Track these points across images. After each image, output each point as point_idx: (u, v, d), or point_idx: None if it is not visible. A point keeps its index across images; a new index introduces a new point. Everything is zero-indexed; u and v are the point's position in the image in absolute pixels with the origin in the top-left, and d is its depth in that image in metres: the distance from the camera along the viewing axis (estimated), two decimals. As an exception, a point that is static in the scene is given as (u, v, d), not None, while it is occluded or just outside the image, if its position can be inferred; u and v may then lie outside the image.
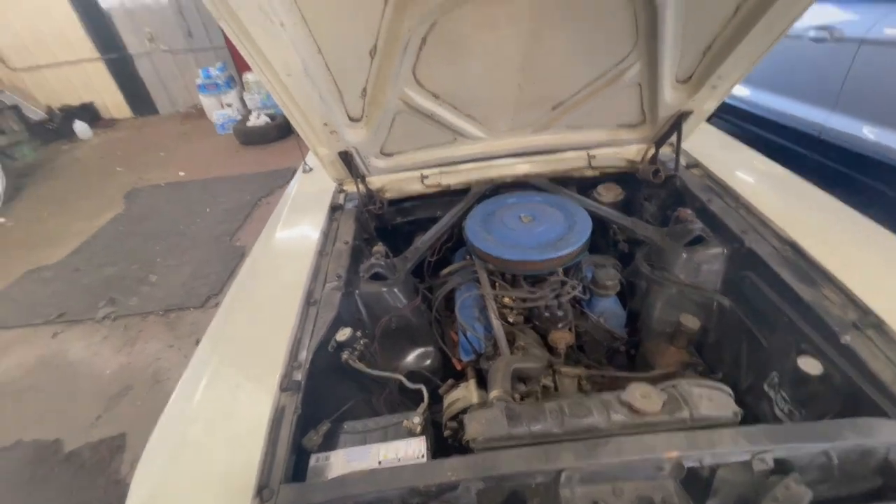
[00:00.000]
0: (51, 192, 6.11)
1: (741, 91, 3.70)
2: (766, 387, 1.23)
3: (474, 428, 0.94)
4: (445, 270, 1.75)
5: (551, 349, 1.40)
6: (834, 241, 1.31)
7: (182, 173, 6.11)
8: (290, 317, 1.29)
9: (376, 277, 1.53)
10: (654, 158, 1.81)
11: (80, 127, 8.36)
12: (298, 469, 1.02)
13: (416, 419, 1.10)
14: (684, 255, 1.47)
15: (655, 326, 1.50)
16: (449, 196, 1.94)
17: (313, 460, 1.06)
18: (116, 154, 7.31)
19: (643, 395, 0.92)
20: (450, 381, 1.42)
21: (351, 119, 1.50)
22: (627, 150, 1.90)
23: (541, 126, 1.70)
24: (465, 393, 1.34)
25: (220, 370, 1.20)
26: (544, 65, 1.38)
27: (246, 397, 1.09)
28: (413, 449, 1.05)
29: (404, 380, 1.26)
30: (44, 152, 7.66)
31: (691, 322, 1.30)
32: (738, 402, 1.28)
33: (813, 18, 2.97)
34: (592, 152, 1.92)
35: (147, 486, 0.95)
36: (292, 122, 1.43)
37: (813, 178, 1.66)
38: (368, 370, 1.27)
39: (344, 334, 1.29)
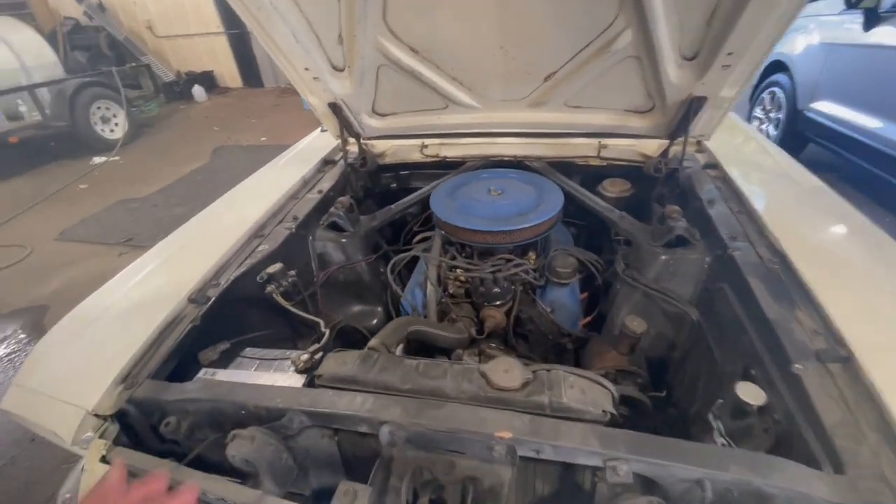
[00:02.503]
0: (159, 141, 7.03)
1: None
2: (710, 415, 1.03)
3: (325, 366, 0.91)
4: (418, 237, 1.71)
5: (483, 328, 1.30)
6: (839, 264, 1.06)
7: (264, 138, 6.68)
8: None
9: (334, 227, 1.54)
10: (665, 153, 1.61)
11: (198, 91, 9.52)
12: (186, 377, 1.06)
13: (304, 356, 1.08)
14: (662, 257, 1.29)
15: (616, 331, 1.33)
16: (446, 169, 1.89)
17: (201, 373, 1.09)
18: (219, 116, 8.20)
19: (505, 370, 0.82)
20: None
21: (334, 67, 1.52)
22: (645, 144, 1.71)
23: (536, 100, 1.58)
24: None
25: (155, 274, 1.29)
26: (523, 26, 1.28)
27: (162, 304, 1.15)
28: (288, 385, 1.04)
29: (321, 322, 1.25)
30: (166, 109, 8.82)
31: (636, 325, 1.12)
32: (684, 432, 1.10)
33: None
34: (605, 142, 1.75)
35: (42, 351, 1.04)
36: (278, 63, 1.48)
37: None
38: (288, 306, 1.27)
39: (274, 268, 1.30)
